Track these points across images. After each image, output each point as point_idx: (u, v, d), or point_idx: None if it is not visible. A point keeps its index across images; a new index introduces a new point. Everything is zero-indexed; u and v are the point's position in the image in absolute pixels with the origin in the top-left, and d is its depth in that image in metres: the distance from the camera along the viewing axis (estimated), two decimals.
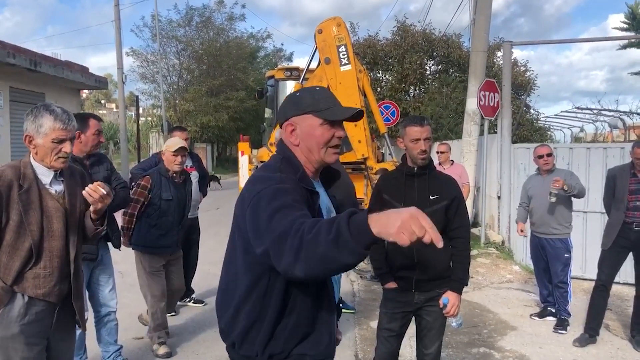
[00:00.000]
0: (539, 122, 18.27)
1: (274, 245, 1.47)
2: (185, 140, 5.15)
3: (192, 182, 4.58)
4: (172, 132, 5.50)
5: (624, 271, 5.26)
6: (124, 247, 4.30)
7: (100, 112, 48.13)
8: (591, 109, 14.26)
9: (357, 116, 1.83)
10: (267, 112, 11.42)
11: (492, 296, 6.29)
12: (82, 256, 3.37)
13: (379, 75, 19.43)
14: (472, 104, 8.74)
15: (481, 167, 8.75)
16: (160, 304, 4.35)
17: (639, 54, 25.16)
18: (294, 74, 10.11)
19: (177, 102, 31.25)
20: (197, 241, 5.73)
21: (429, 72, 19.43)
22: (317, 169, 1.87)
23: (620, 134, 15.93)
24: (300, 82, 8.15)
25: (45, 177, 2.41)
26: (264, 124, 11.82)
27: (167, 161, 4.30)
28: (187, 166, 5.10)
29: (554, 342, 4.87)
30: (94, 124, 3.61)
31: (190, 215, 4.95)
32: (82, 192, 2.38)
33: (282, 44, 56.04)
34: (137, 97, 23.85)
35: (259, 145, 11.50)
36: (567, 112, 15.18)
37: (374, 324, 3.70)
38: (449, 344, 4.66)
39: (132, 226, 4.28)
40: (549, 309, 5.45)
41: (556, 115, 16.64)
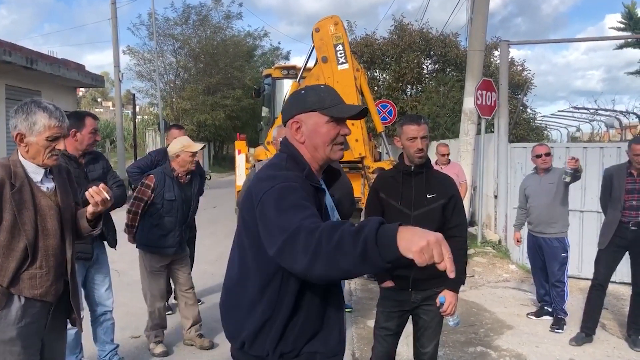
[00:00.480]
0: (536, 121, 18.33)
1: (287, 245, 1.46)
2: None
3: (198, 181, 4.52)
4: (170, 129, 5.46)
5: (620, 270, 5.26)
6: (127, 245, 4.29)
7: (96, 110, 48.03)
8: (588, 109, 14.29)
9: (362, 114, 1.83)
10: (264, 111, 11.39)
11: (489, 295, 6.30)
12: (77, 255, 3.37)
13: (376, 74, 19.41)
14: (469, 103, 8.74)
15: (478, 166, 8.76)
16: (158, 303, 4.34)
17: (635, 53, 25.22)
18: (291, 72, 10.09)
19: (174, 100, 31.14)
20: (194, 240, 5.72)
21: (426, 71, 19.45)
22: (322, 167, 1.87)
23: (616, 133, 15.96)
24: (297, 80, 8.14)
25: (36, 175, 2.37)
26: (261, 122, 11.79)
27: (183, 162, 4.17)
28: None
29: (550, 341, 4.88)
30: (90, 122, 3.57)
31: None
32: (86, 192, 2.36)
33: (279, 43, 55.96)
34: (134, 95, 23.74)
35: (256, 144, 11.45)
36: (563, 111, 15.22)
37: (371, 323, 3.70)
38: (446, 343, 4.66)
39: (136, 224, 4.24)
40: (545, 308, 5.46)
41: (553, 114, 16.70)
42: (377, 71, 19.50)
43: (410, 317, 3.19)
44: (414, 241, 1.27)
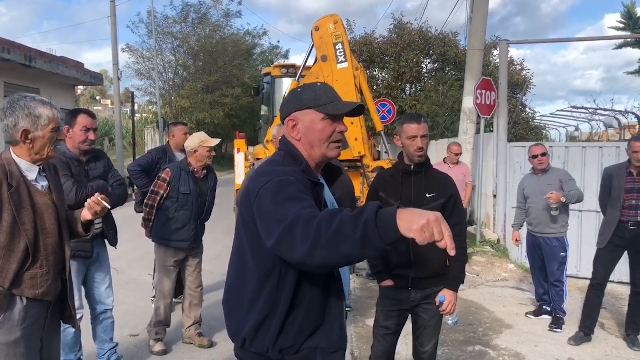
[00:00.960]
0: (535, 120, 18.35)
1: (285, 234, 1.47)
2: (183, 135, 5.12)
3: (213, 177, 4.53)
4: (177, 125, 5.39)
5: (619, 270, 5.27)
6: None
7: (95, 108, 47.89)
8: (586, 108, 14.32)
9: (358, 111, 1.83)
10: (263, 109, 11.39)
11: (488, 294, 6.31)
12: (77, 253, 3.36)
13: (375, 72, 19.42)
14: (468, 102, 8.74)
15: (477, 166, 8.77)
16: (164, 300, 4.36)
17: (634, 53, 25.24)
18: (290, 71, 10.08)
19: (173, 98, 31.10)
20: None
21: (425, 70, 19.47)
22: (318, 164, 1.87)
23: (615, 133, 16.00)
24: (296, 79, 8.13)
25: (30, 174, 2.35)
26: (260, 121, 11.79)
27: (201, 157, 4.23)
28: None
29: (549, 340, 4.88)
30: (82, 119, 3.51)
31: None
32: (85, 203, 2.42)
33: (279, 41, 55.83)
34: (133, 93, 23.67)
35: (255, 142, 11.46)
36: (562, 111, 15.25)
37: (370, 322, 3.70)
38: (445, 341, 4.66)
39: (152, 217, 4.29)
40: (544, 307, 5.46)
41: (552, 114, 16.72)
42: (376, 70, 19.51)
43: (409, 316, 3.18)
44: (414, 220, 1.30)
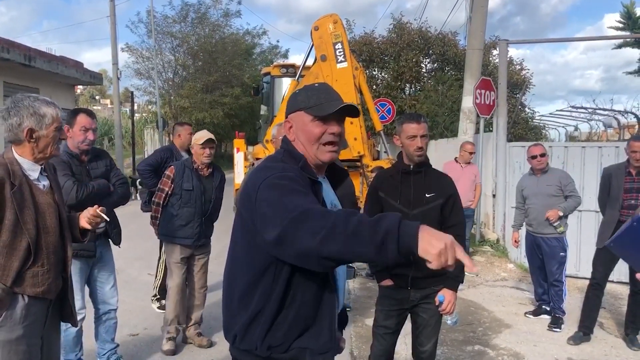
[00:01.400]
0: (534, 120, 18.36)
1: (294, 224, 1.47)
2: (189, 135, 5.11)
3: (219, 175, 4.54)
4: (183, 125, 5.37)
5: (618, 270, 5.28)
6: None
7: (94, 108, 47.83)
8: (586, 108, 14.35)
9: (354, 112, 1.83)
10: (263, 109, 11.39)
11: (487, 294, 6.31)
12: (80, 252, 3.37)
13: (374, 72, 19.42)
14: (467, 102, 8.75)
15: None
16: (175, 296, 4.37)
17: (634, 53, 25.23)
18: (290, 70, 10.08)
19: (172, 98, 31.07)
20: None
21: (424, 70, 19.46)
22: (317, 166, 1.86)
23: (614, 133, 16.02)
24: (296, 79, 8.13)
25: (33, 173, 2.37)
26: (260, 120, 11.80)
27: (196, 154, 4.32)
28: None
29: (548, 340, 4.89)
30: (81, 119, 3.52)
31: None
32: (82, 216, 2.50)
33: (278, 41, 55.90)
34: (132, 93, 23.62)
35: (255, 142, 11.45)
36: (562, 111, 15.27)
37: (370, 322, 3.70)
38: (444, 341, 4.67)
39: (159, 215, 4.34)
40: (543, 307, 5.46)
41: (551, 114, 16.76)
42: (376, 70, 19.51)
43: (409, 316, 3.19)
44: (433, 244, 1.32)
